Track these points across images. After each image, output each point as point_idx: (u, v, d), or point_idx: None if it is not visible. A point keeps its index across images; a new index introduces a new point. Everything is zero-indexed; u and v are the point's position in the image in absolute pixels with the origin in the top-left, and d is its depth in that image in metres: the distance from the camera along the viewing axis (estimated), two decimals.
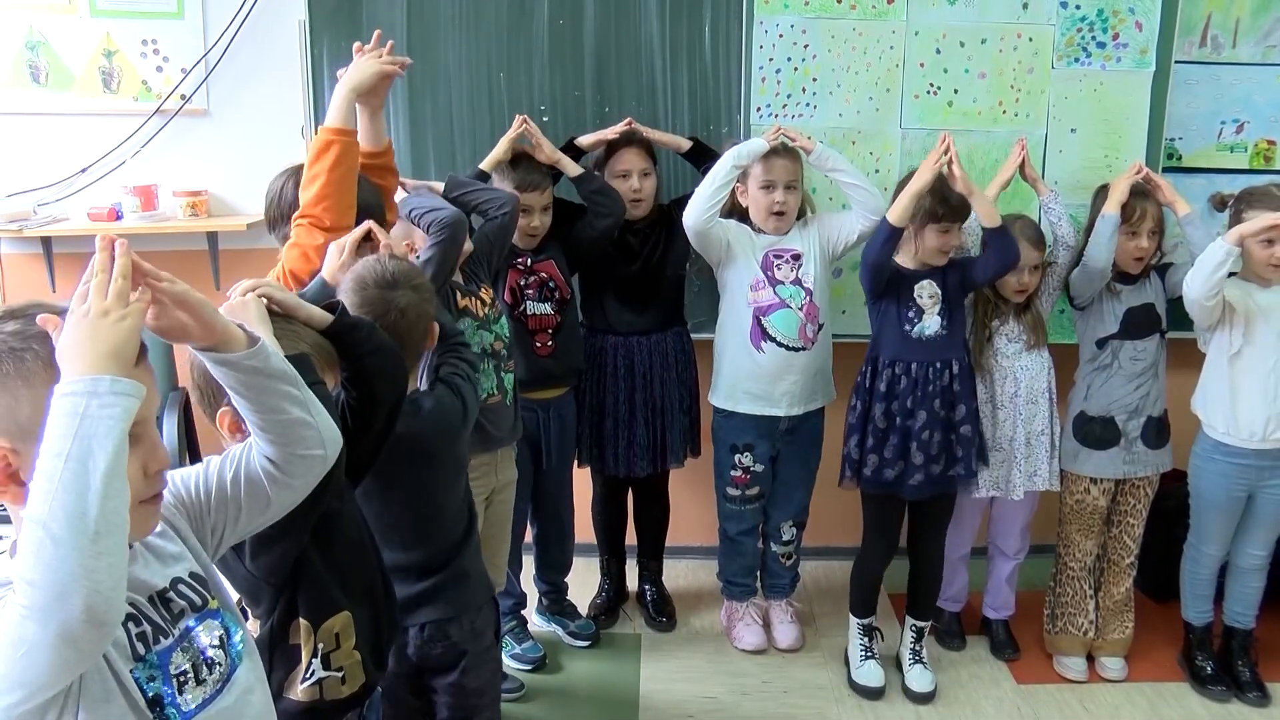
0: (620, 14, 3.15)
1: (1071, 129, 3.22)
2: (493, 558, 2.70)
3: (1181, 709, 2.95)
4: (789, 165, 2.88)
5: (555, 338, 2.92)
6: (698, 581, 3.52)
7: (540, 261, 2.91)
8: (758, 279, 2.92)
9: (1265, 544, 2.98)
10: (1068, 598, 3.09)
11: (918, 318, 2.81)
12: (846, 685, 3.00)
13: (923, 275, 2.82)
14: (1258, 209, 2.78)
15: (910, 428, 2.81)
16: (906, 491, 2.85)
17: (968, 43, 3.15)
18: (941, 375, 2.82)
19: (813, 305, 2.94)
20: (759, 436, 3.03)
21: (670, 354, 3.10)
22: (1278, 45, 3.30)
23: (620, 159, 2.98)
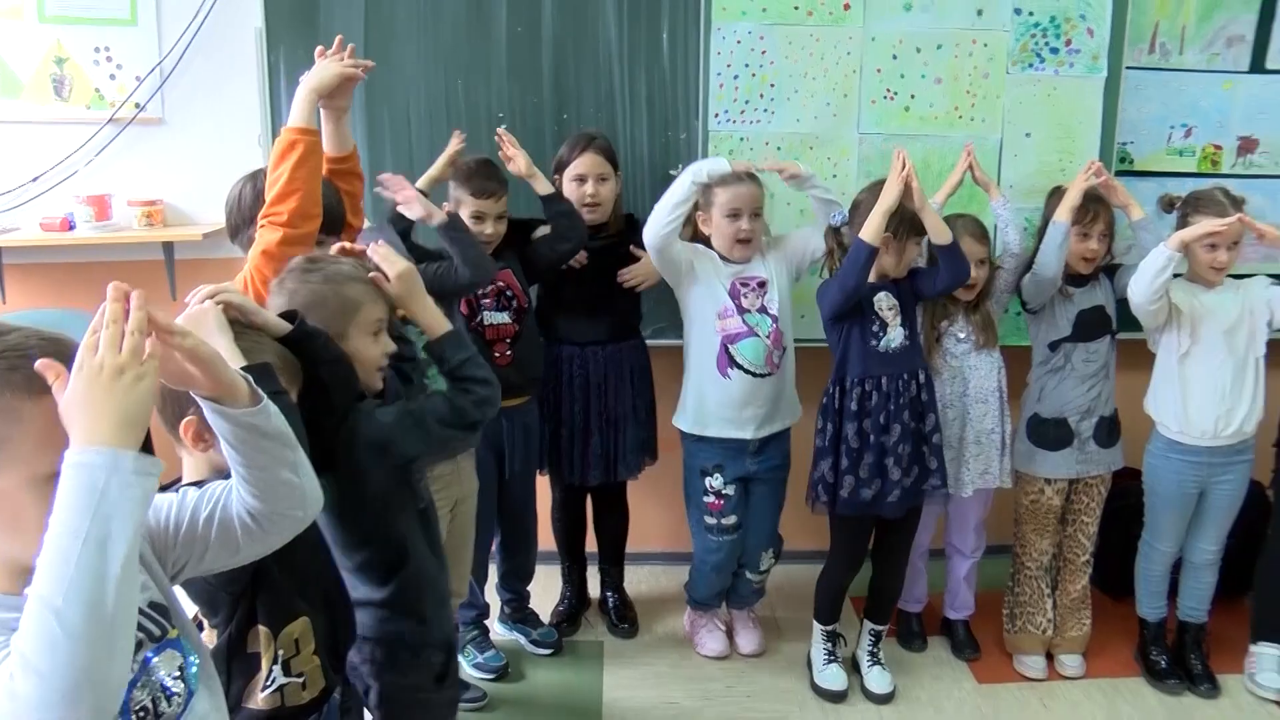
0: (578, 20, 3.16)
1: (1026, 133, 3.28)
2: (456, 567, 2.71)
3: (1137, 703, 3.02)
4: (754, 193, 2.89)
5: (514, 347, 2.92)
6: (660, 587, 3.54)
7: (497, 270, 2.90)
8: (726, 307, 2.93)
9: (1217, 539, 3.06)
10: (1026, 597, 3.15)
11: (882, 331, 2.83)
12: (809, 689, 3.03)
13: (879, 288, 2.84)
14: (1203, 212, 2.86)
15: (885, 444, 2.83)
16: (886, 510, 2.86)
17: (924, 48, 3.21)
18: (909, 386, 2.85)
19: (779, 332, 2.96)
20: (727, 458, 3.02)
21: (626, 365, 3.11)
22: (1221, 53, 3.39)
23: (578, 163, 2.98)
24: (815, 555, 3.09)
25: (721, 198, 2.89)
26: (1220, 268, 2.86)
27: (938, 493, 2.93)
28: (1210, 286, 2.92)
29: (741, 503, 3.07)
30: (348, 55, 2.28)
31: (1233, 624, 3.17)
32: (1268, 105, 3.43)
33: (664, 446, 3.23)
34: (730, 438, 2.99)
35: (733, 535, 3.07)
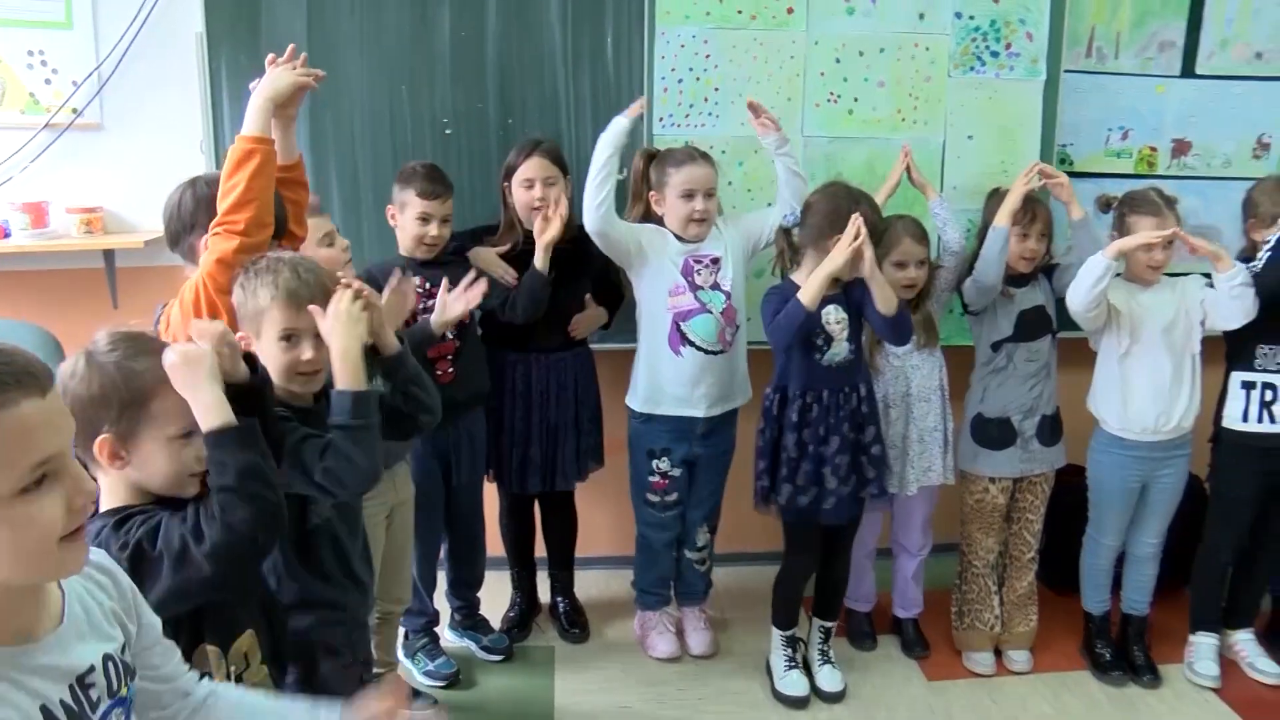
0: (522, 26, 3.16)
1: (968, 136, 3.34)
2: (397, 574, 2.71)
3: (1083, 696, 3.08)
4: (708, 173, 2.93)
5: (456, 364, 2.89)
6: (610, 591, 3.54)
7: (439, 286, 2.86)
8: (677, 284, 2.96)
9: (1158, 532, 3.13)
10: (973, 595, 3.20)
11: (827, 345, 2.83)
12: (766, 692, 3.05)
13: (827, 301, 2.81)
14: (1138, 212, 2.94)
15: (823, 454, 2.84)
16: (823, 516, 2.88)
17: (866, 52, 3.25)
18: (850, 399, 2.87)
19: (731, 308, 2.99)
20: (676, 440, 3.06)
21: (570, 373, 3.11)
22: (1154, 58, 3.48)
23: (525, 167, 2.97)
24: (763, 557, 3.11)
25: (675, 178, 2.92)
26: (1157, 266, 2.94)
27: (877, 499, 2.96)
28: (1148, 285, 2.98)
29: (685, 479, 3.12)
30: (300, 64, 2.27)
31: (1174, 615, 3.24)
32: (1198, 109, 3.53)
33: (611, 449, 3.24)
34: (681, 416, 3.02)
35: (674, 511, 3.13)
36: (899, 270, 2.98)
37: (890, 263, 2.97)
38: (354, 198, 3.17)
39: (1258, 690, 3.12)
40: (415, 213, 2.81)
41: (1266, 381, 3.00)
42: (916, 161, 3.18)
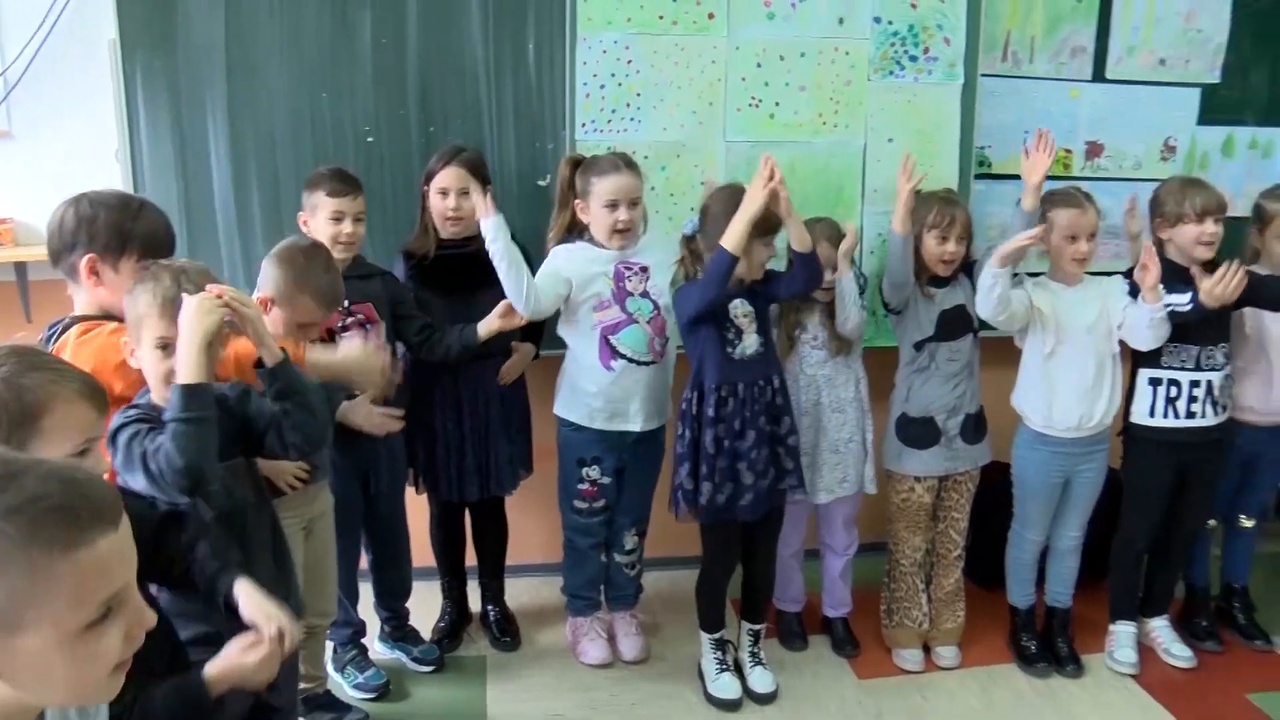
0: (443, 32, 3.16)
1: (889, 139, 3.40)
2: (322, 586, 2.68)
3: (1010, 689, 3.15)
4: (631, 183, 2.94)
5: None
6: (541, 598, 3.54)
7: (359, 303, 2.84)
8: (602, 299, 2.97)
9: (1080, 525, 3.22)
10: (901, 592, 3.25)
11: (738, 338, 2.86)
12: (698, 696, 3.07)
13: (733, 294, 2.85)
14: (1059, 206, 3.01)
15: (739, 449, 2.86)
16: (740, 513, 2.89)
17: (787, 56, 3.29)
18: (765, 392, 2.89)
19: (660, 318, 3.01)
20: (607, 450, 3.08)
21: (494, 380, 3.10)
22: (1066, 63, 3.58)
23: (441, 176, 2.97)
24: (693, 560, 3.12)
25: (599, 188, 2.93)
26: (1081, 258, 3.01)
27: (796, 493, 2.98)
28: (1072, 282, 3.06)
29: (614, 487, 3.14)
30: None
31: (1094, 606, 3.34)
32: (1108, 112, 3.65)
33: (540, 457, 3.25)
34: (614, 430, 3.03)
35: (600, 517, 3.16)
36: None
37: None
38: (274, 205, 3.14)
39: (1172, 674, 3.23)
40: (327, 213, 2.78)
41: (1172, 378, 3.09)
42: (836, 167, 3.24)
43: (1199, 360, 3.05)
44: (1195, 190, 3.00)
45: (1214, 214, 2.97)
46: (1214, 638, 3.36)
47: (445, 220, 2.99)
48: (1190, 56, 3.69)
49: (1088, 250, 3.00)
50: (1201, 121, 3.75)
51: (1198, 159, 3.76)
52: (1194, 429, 3.07)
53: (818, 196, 3.33)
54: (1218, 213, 2.98)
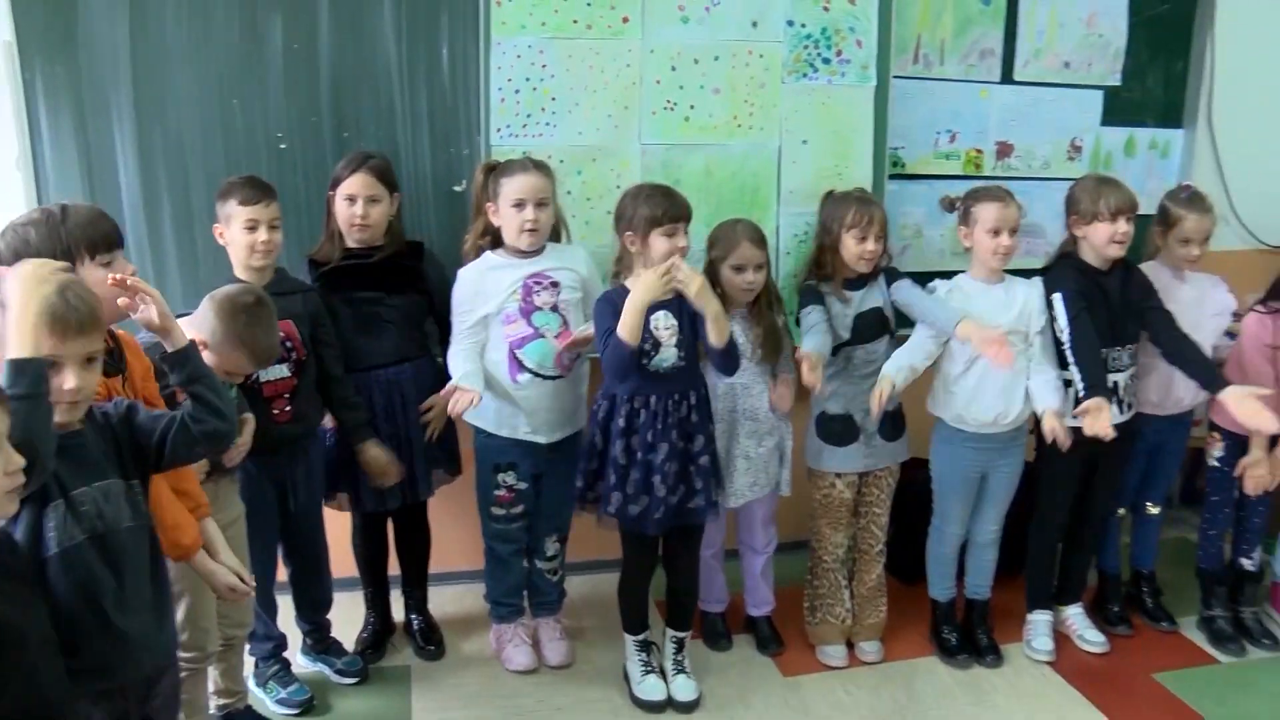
0: (356, 37, 3.13)
1: (803, 140, 3.45)
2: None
3: (932, 681, 3.22)
4: (538, 181, 2.94)
5: (293, 401, 2.84)
6: (465, 606, 3.53)
7: (280, 321, 2.75)
8: (509, 313, 2.97)
9: (997, 519, 3.30)
10: (824, 589, 3.30)
11: (654, 351, 2.83)
12: (624, 699, 3.09)
13: (657, 307, 2.82)
14: (982, 200, 3.08)
15: (652, 461, 2.84)
16: (650, 527, 2.89)
17: (701, 60, 3.32)
18: (680, 407, 2.87)
19: (569, 333, 3.01)
20: (522, 456, 3.08)
21: (413, 385, 3.08)
22: (976, 64, 3.69)
23: (348, 183, 2.95)
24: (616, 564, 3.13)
25: (506, 188, 2.93)
26: (1006, 252, 3.07)
27: (706, 514, 2.97)
28: (993, 279, 3.13)
29: (532, 493, 3.15)
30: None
31: (1013, 596, 3.43)
32: (1017, 113, 3.77)
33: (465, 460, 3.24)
34: (521, 440, 3.04)
35: (519, 523, 3.16)
36: (738, 274, 3.04)
37: (729, 266, 3.04)
38: (186, 213, 3.09)
39: (1087, 659, 3.34)
40: (241, 223, 2.75)
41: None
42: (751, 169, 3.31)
43: (1106, 362, 3.14)
44: (1109, 189, 3.09)
45: (1126, 213, 3.06)
46: (1125, 622, 3.49)
47: (352, 227, 2.97)
48: (1092, 60, 3.82)
49: (1011, 244, 3.07)
50: (1105, 122, 3.90)
51: (1102, 159, 3.90)
52: None
53: (733, 198, 3.38)
54: (1130, 212, 3.07)
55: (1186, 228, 3.20)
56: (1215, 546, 3.48)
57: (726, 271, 3.05)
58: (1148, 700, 3.12)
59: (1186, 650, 3.40)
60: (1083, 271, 3.14)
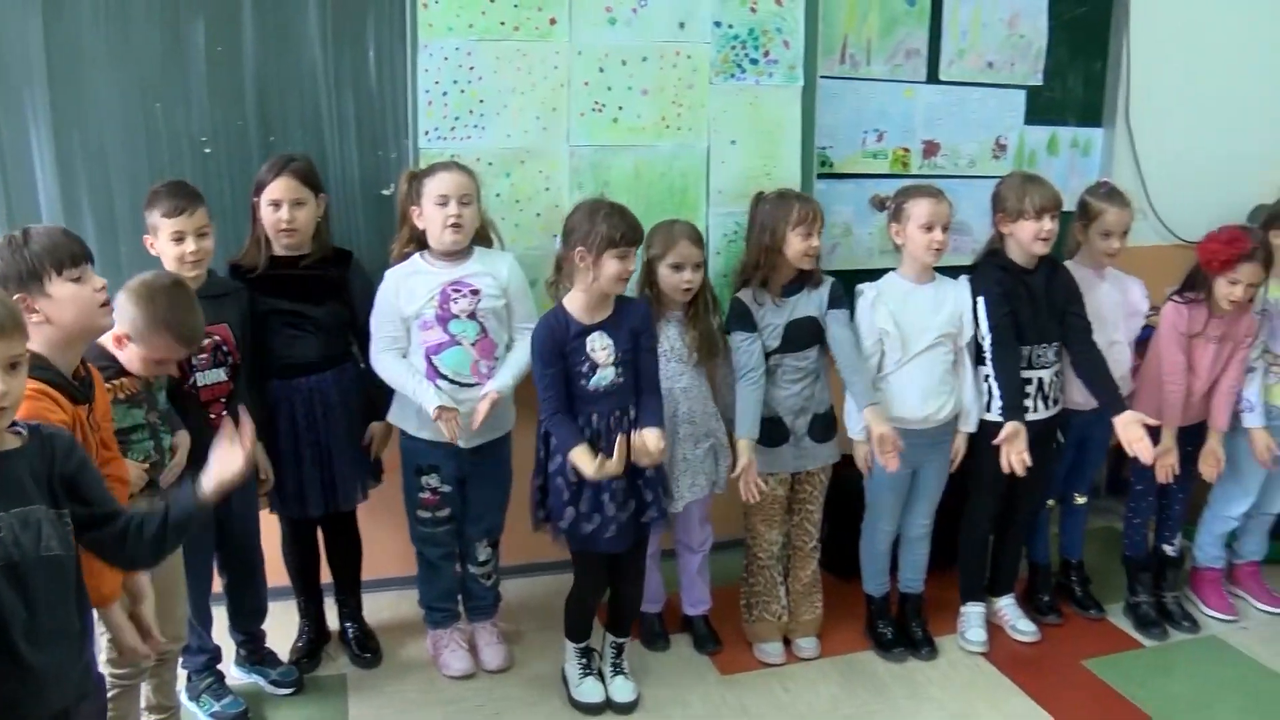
0: (281, 40, 3.11)
1: (731, 140, 3.48)
2: (171, 610, 2.60)
3: (868, 675, 3.28)
4: (462, 179, 2.95)
5: (229, 406, 2.80)
6: (400, 613, 3.52)
7: (214, 325, 2.78)
8: (426, 320, 2.97)
9: (928, 513, 3.37)
10: (760, 586, 3.34)
11: (592, 372, 2.84)
12: (563, 701, 3.10)
13: (594, 328, 2.85)
14: (914, 198, 3.14)
15: (599, 480, 2.81)
16: (604, 545, 2.89)
17: (629, 61, 3.34)
18: (621, 422, 2.87)
19: (489, 341, 3.01)
20: (445, 458, 3.07)
21: (336, 391, 3.06)
22: (902, 64, 3.77)
23: (273, 187, 2.93)
24: (551, 567, 3.15)
25: (430, 186, 2.93)
26: (939, 247, 3.12)
27: (658, 525, 3.01)
28: (923, 277, 3.19)
29: (457, 496, 3.14)
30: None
31: (946, 589, 3.50)
32: (943, 112, 3.87)
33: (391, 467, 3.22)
34: (442, 442, 3.03)
35: (447, 526, 3.16)
36: (676, 273, 3.06)
37: (667, 265, 3.06)
38: (109, 222, 3.05)
39: (1019, 649, 3.43)
40: (167, 234, 2.72)
41: None
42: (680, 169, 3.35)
43: (1030, 359, 3.23)
44: (1034, 187, 3.16)
45: (1051, 210, 3.14)
46: (1055, 611, 3.59)
47: (279, 233, 2.95)
48: (1015, 60, 3.93)
49: (944, 240, 3.12)
50: (1028, 121, 4.02)
51: (1026, 157, 4.01)
52: (1029, 422, 3.22)
53: (662, 199, 3.40)
54: (1054, 209, 3.15)
55: (1107, 221, 3.30)
56: (1140, 534, 3.60)
57: (664, 270, 3.07)
58: (1077, 686, 3.21)
59: (1113, 636, 3.51)
60: (1007, 270, 3.21)
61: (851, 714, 3.07)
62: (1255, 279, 3.20)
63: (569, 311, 2.86)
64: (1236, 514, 3.60)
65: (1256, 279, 3.20)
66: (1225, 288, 3.22)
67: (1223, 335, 3.33)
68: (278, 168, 2.95)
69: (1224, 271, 3.20)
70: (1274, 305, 3.42)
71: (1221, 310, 3.28)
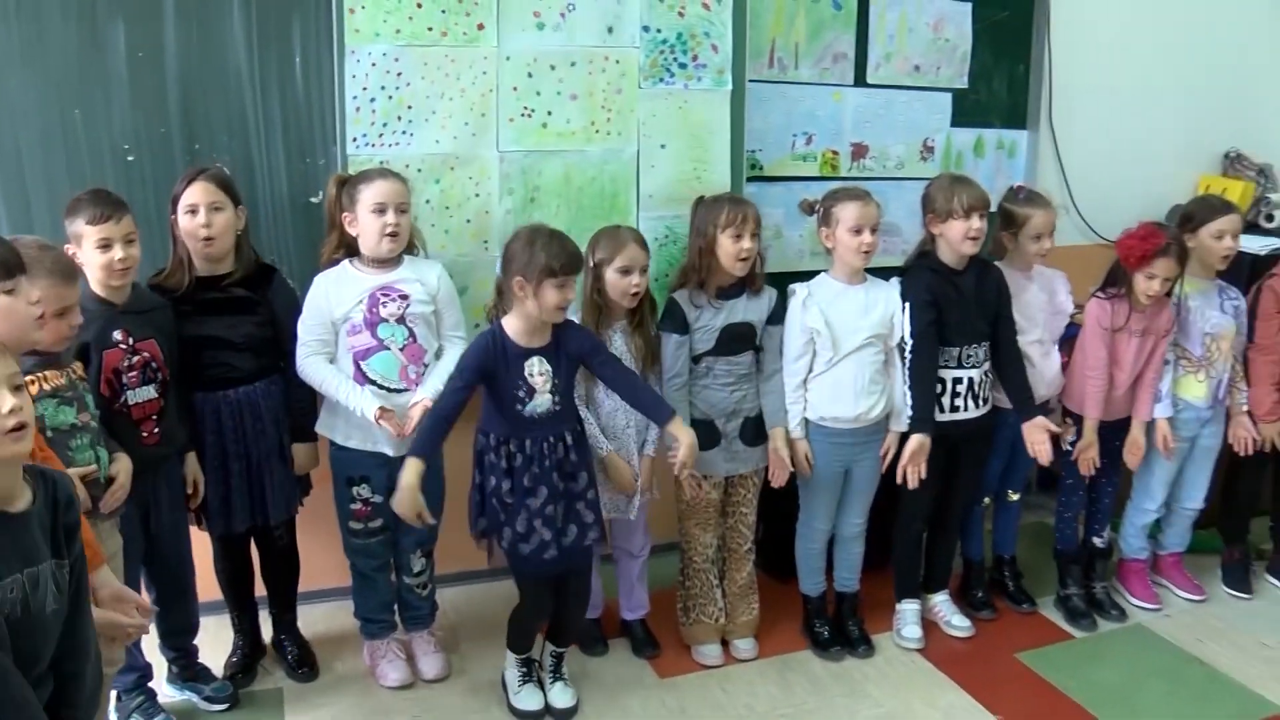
0: (204, 44, 3.09)
1: (661, 145, 3.51)
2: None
3: (806, 674, 3.33)
4: (399, 187, 2.96)
5: (161, 423, 2.80)
6: (336, 624, 3.50)
7: (143, 341, 2.76)
8: (354, 324, 2.97)
9: (862, 512, 3.43)
10: (696, 590, 3.37)
11: (529, 397, 2.85)
12: (502, 709, 3.11)
13: (532, 352, 2.87)
14: (842, 201, 3.20)
15: (531, 505, 2.86)
16: (543, 567, 2.90)
17: (558, 66, 3.36)
18: (556, 448, 2.89)
19: (417, 347, 3.02)
20: (374, 468, 3.08)
21: (264, 404, 3.03)
22: (829, 68, 3.84)
23: (188, 194, 2.89)
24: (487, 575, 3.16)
25: (365, 194, 2.94)
26: (869, 250, 3.18)
27: (599, 546, 3.04)
28: (854, 279, 3.25)
29: (387, 507, 3.09)
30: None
31: (882, 587, 3.57)
32: (871, 115, 3.95)
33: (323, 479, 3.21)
34: (371, 451, 3.04)
35: (379, 537, 3.16)
36: (624, 276, 3.07)
37: (615, 269, 3.07)
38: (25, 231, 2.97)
39: (954, 644, 3.52)
40: (92, 243, 2.68)
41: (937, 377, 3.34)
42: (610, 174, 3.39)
43: (960, 359, 3.31)
44: (963, 188, 3.24)
45: (980, 210, 3.22)
46: (989, 606, 3.68)
47: (198, 242, 2.90)
48: (941, 63, 4.03)
49: (873, 242, 3.19)
50: (955, 124, 4.12)
51: (953, 158, 4.11)
52: (959, 421, 3.31)
53: (593, 204, 3.43)
54: (983, 209, 3.23)
55: (1036, 224, 3.40)
56: (1070, 528, 3.71)
57: (612, 274, 3.08)
58: (1011, 679, 3.30)
59: (1045, 629, 3.61)
60: (938, 271, 3.29)
61: (790, 713, 3.12)
62: (1170, 273, 3.32)
63: (507, 333, 2.87)
64: (1154, 506, 3.73)
65: (1172, 273, 3.33)
66: (1143, 283, 3.34)
67: (1144, 329, 3.45)
68: (191, 175, 2.91)
69: (1141, 267, 3.32)
70: (1184, 301, 3.55)
71: (1141, 305, 3.40)
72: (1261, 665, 3.38)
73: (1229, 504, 3.92)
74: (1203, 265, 3.53)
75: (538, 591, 3.03)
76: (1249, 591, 3.85)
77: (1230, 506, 3.92)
